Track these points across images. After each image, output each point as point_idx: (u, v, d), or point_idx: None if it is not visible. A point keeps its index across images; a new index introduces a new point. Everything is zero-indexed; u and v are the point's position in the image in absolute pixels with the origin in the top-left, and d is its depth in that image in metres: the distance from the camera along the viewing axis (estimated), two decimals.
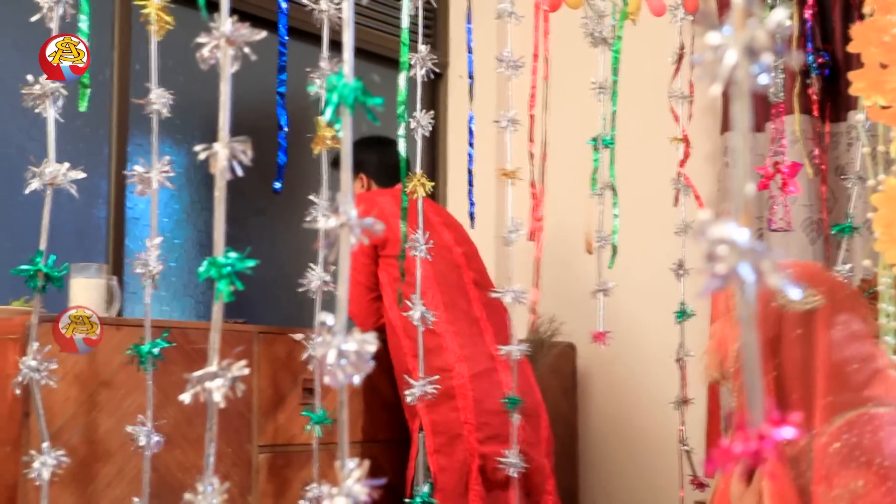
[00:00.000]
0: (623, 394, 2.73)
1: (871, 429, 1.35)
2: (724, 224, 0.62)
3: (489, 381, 2.55)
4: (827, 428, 1.37)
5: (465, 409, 2.49)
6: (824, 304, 1.45)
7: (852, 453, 1.34)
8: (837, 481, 1.32)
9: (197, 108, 2.95)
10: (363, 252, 2.64)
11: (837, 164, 2.84)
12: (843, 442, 1.35)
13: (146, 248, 1.78)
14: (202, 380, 0.94)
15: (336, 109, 0.84)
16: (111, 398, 2.12)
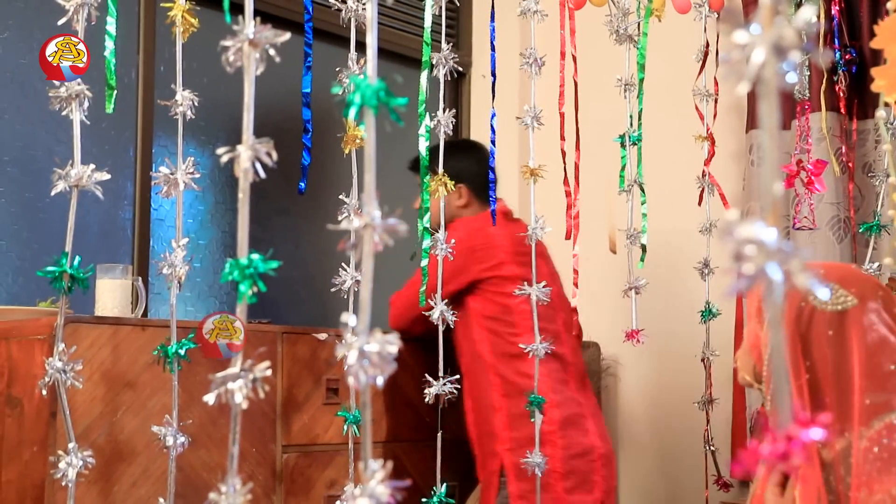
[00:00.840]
0: (648, 393, 2.72)
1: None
2: (751, 224, 0.61)
3: (577, 427, 2.54)
4: (865, 432, 1.34)
5: (553, 458, 2.44)
6: (856, 304, 1.42)
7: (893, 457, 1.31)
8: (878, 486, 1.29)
9: (221, 109, 2.96)
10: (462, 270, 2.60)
11: (865, 161, 2.81)
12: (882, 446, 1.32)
13: (171, 249, 1.79)
14: (225, 380, 0.94)
15: (360, 110, 0.84)
16: (136, 398, 2.13)
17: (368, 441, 0.82)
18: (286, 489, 2.40)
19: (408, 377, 2.64)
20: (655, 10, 2.48)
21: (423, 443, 2.61)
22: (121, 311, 2.27)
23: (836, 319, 1.40)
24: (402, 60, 3.47)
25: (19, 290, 2.58)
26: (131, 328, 2.16)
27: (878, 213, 2.35)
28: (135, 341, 2.14)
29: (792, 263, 0.60)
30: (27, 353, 2.05)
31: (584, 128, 2.52)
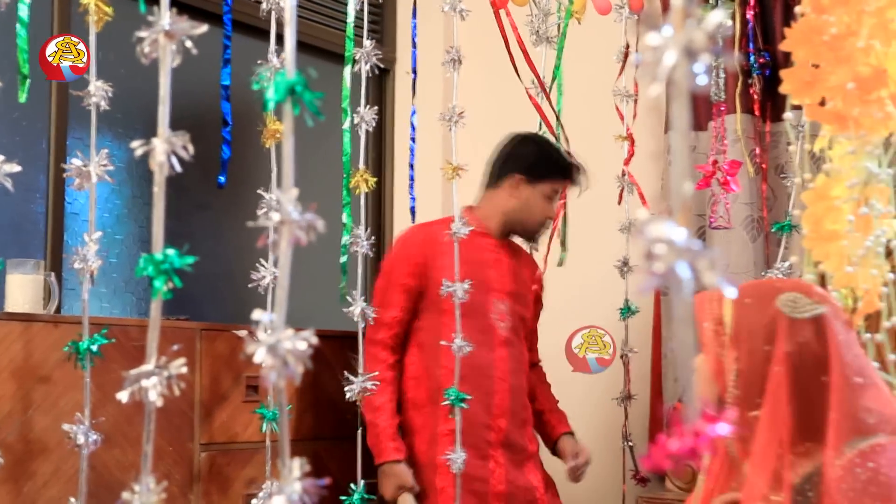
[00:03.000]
0: (566, 389, 2.75)
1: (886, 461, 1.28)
2: (661, 223, 0.62)
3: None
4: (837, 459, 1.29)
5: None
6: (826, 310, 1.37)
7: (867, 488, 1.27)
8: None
9: (139, 102, 2.90)
10: None
11: (777, 162, 2.89)
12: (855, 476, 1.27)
13: (84, 243, 1.75)
14: (139, 378, 0.92)
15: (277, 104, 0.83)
16: (48, 396, 2.08)
17: (286, 438, 0.81)
18: (204, 488, 2.36)
19: (329, 375, 2.63)
20: (576, 11, 2.51)
21: (345, 440, 2.60)
22: (32, 307, 2.21)
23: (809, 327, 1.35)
24: (325, 55, 3.45)
25: None
26: (43, 324, 2.10)
27: (789, 214, 2.42)
28: (47, 337, 2.09)
29: (700, 262, 0.62)
30: None
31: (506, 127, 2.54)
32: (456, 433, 2.21)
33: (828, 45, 1.18)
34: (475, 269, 2.44)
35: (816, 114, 1.23)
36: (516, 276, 2.58)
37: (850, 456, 1.29)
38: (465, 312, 2.27)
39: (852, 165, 1.28)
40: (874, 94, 1.17)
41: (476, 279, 2.35)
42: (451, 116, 2.25)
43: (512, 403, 2.49)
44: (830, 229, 1.27)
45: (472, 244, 2.43)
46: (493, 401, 2.46)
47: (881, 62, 1.17)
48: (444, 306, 2.40)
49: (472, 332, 2.30)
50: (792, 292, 1.39)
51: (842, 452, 1.29)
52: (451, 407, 2.23)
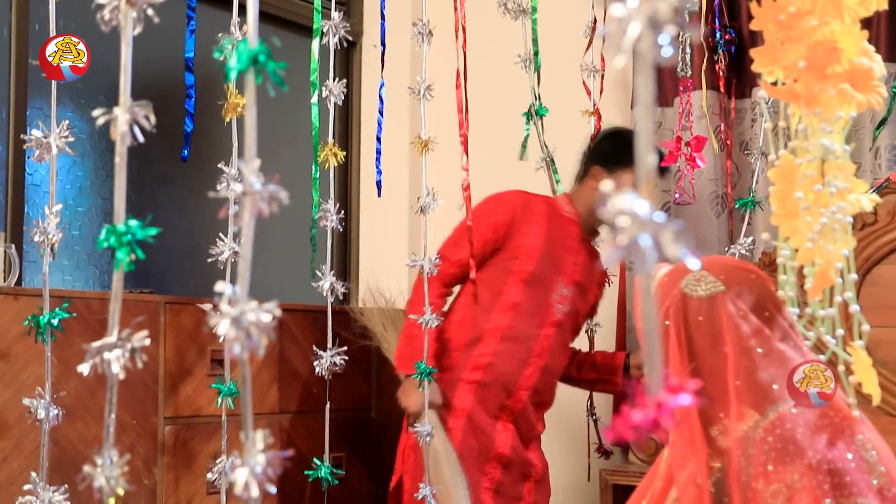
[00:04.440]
0: None
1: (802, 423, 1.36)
2: (624, 196, 0.62)
3: None
4: (761, 422, 1.37)
5: None
6: (723, 290, 1.44)
7: (786, 447, 1.34)
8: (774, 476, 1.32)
9: (101, 72, 2.85)
10: None
11: (742, 139, 2.91)
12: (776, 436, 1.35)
13: (45, 215, 1.72)
14: (101, 350, 0.91)
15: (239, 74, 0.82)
16: (8, 370, 2.06)
17: (249, 410, 0.81)
18: (168, 462, 2.35)
19: (295, 349, 2.62)
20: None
21: (311, 414, 2.60)
22: None
23: (705, 305, 1.43)
24: (293, 27, 3.42)
25: None
26: (3, 297, 2.07)
27: (752, 190, 2.44)
28: (7, 310, 2.06)
29: (663, 235, 0.62)
30: None
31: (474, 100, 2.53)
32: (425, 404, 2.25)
33: (785, 23, 1.19)
34: (555, 247, 2.54)
35: (774, 91, 1.24)
36: (587, 273, 2.62)
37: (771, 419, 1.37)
38: (530, 282, 2.46)
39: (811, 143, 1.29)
40: (829, 70, 1.18)
41: (552, 257, 2.51)
42: (419, 90, 2.23)
43: (539, 381, 2.53)
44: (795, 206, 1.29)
45: (560, 226, 2.57)
46: (523, 371, 2.51)
47: (834, 40, 1.18)
48: (513, 268, 2.50)
49: (529, 302, 2.49)
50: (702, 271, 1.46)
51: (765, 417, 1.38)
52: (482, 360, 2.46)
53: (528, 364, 2.50)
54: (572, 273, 2.57)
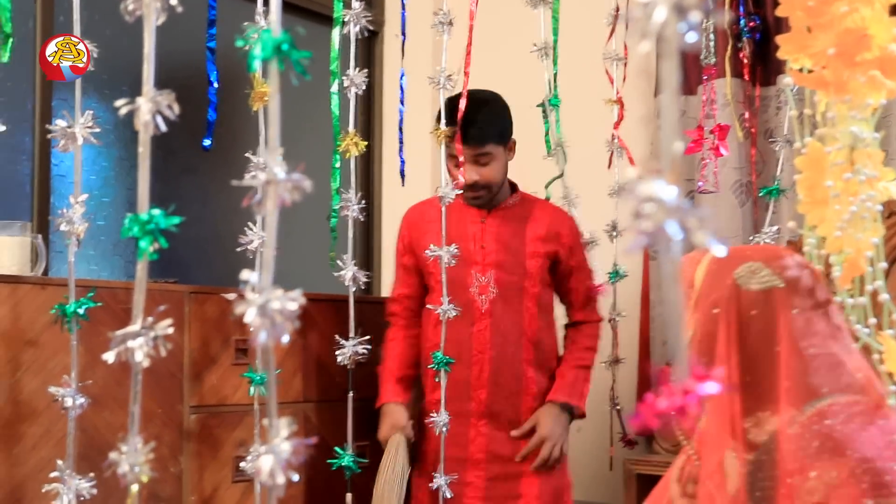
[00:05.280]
0: None
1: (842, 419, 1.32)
2: (651, 182, 0.62)
3: None
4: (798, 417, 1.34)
5: None
6: (780, 285, 1.40)
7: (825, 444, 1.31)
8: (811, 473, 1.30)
9: (125, 63, 2.87)
10: None
11: (767, 127, 2.89)
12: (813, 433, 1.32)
13: (70, 205, 1.74)
14: (125, 338, 0.92)
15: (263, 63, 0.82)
16: (37, 358, 2.08)
17: (273, 399, 0.81)
18: (194, 450, 2.37)
19: (319, 339, 2.63)
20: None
21: (334, 403, 2.61)
22: (19, 269, 2.20)
23: (760, 300, 1.39)
24: (314, 17, 3.42)
25: None
26: (31, 286, 2.09)
27: (777, 178, 2.42)
28: (34, 300, 2.08)
29: (690, 221, 0.61)
30: None
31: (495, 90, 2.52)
32: (441, 397, 2.25)
33: (813, 10, 1.18)
34: (458, 243, 2.42)
35: (802, 79, 1.23)
36: (507, 244, 2.51)
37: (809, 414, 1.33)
38: (450, 289, 2.33)
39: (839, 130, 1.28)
40: (858, 57, 1.17)
41: (466, 257, 2.45)
42: (439, 80, 2.23)
43: (494, 374, 2.46)
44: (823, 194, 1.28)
45: (459, 218, 2.50)
46: (472, 373, 2.46)
47: (864, 26, 1.17)
48: (430, 283, 2.52)
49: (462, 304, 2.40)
50: (756, 262, 1.41)
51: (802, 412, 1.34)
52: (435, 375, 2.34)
53: (473, 364, 2.46)
54: (482, 258, 2.51)
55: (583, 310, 2.58)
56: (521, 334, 2.50)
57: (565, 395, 2.48)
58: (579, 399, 2.50)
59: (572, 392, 2.49)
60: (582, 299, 2.58)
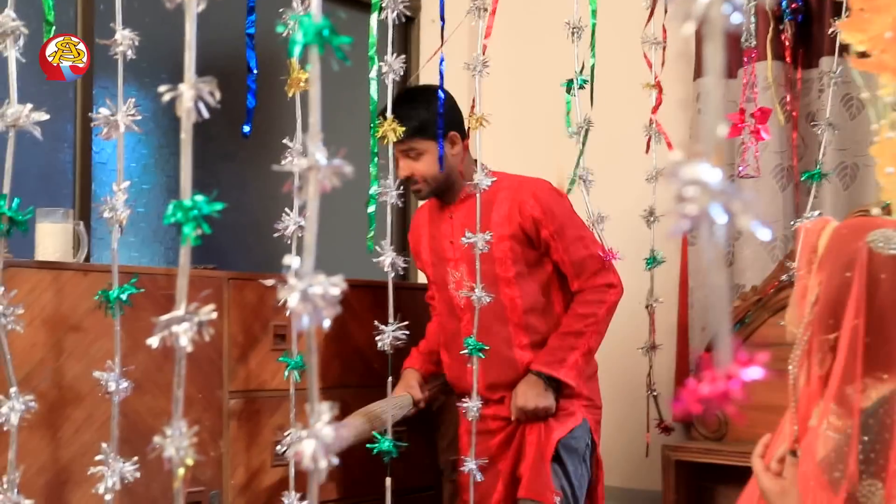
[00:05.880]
0: None
1: None
2: (695, 165, 0.61)
3: None
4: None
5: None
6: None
7: None
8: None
9: (164, 50, 2.89)
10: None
11: (808, 110, 2.85)
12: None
13: (112, 192, 1.76)
14: (169, 324, 0.93)
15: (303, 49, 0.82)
16: (79, 344, 2.11)
17: (315, 382, 0.82)
18: (233, 434, 2.40)
19: (356, 324, 2.64)
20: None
21: (372, 388, 2.62)
22: (62, 256, 2.23)
23: (890, 264, 1.37)
24: (350, 3, 3.42)
25: None
26: (73, 273, 2.12)
27: (820, 162, 2.39)
28: (77, 286, 2.11)
29: (734, 204, 0.61)
30: None
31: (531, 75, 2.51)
32: (473, 384, 2.25)
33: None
34: (435, 244, 2.59)
35: (862, 63, 1.20)
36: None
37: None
38: (437, 289, 2.58)
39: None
40: None
41: (436, 254, 2.58)
42: (475, 65, 2.22)
43: (485, 366, 2.42)
44: None
45: (437, 218, 2.61)
46: (467, 368, 2.47)
47: None
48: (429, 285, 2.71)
49: (442, 307, 2.60)
50: (890, 229, 1.40)
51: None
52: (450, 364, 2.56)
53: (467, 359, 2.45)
54: (453, 253, 2.54)
55: (577, 279, 2.49)
56: (507, 321, 2.49)
57: (541, 363, 2.43)
58: (557, 367, 2.41)
59: (550, 361, 2.42)
60: (572, 269, 2.49)
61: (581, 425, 2.47)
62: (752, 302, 2.84)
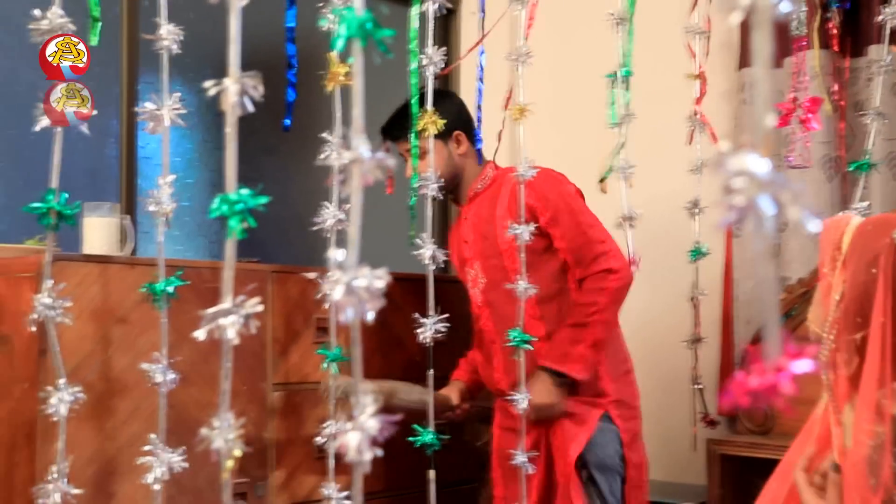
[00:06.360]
0: (635, 332, 2.73)
1: None
2: (743, 155, 0.60)
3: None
4: None
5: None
6: None
7: None
8: None
9: (207, 45, 2.91)
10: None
11: (856, 99, 2.80)
12: None
13: (158, 186, 1.78)
14: (216, 316, 0.94)
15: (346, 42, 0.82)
16: (126, 336, 2.14)
17: (359, 374, 0.82)
18: (277, 426, 2.42)
19: (398, 317, 2.65)
20: None
21: (413, 381, 2.63)
22: (109, 250, 2.26)
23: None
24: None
25: (6, 228, 2.57)
26: (120, 266, 2.15)
27: (868, 152, 2.34)
28: (124, 279, 2.14)
29: (783, 195, 0.60)
30: (15, 290, 2.05)
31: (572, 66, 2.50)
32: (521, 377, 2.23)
33: None
34: (457, 247, 2.63)
35: None
36: (484, 232, 2.52)
37: None
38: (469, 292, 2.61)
39: None
40: None
41: (459, 258, 2.62)
42: (518, 56, 2.21)
43: (506, 361, 2.45)
44: None
45: (458, 222, 2.65)
46: (492, 363, 2.54)
47: None
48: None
49: (471, 306, 2.61)
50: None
51: None
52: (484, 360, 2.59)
53: (493, 355, 2.52)
54: (470, 252, 2.55)
55: (578, 266, 2.43)
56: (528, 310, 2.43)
57: (547, 358, 2.40)
58: (561, 361, 2.37)
59: (556, 355, 2.39)
60: (571, 257, 2.43)
61: (600, 432, 2.42)
62: (798, 295, 2.80)
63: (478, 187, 2.56)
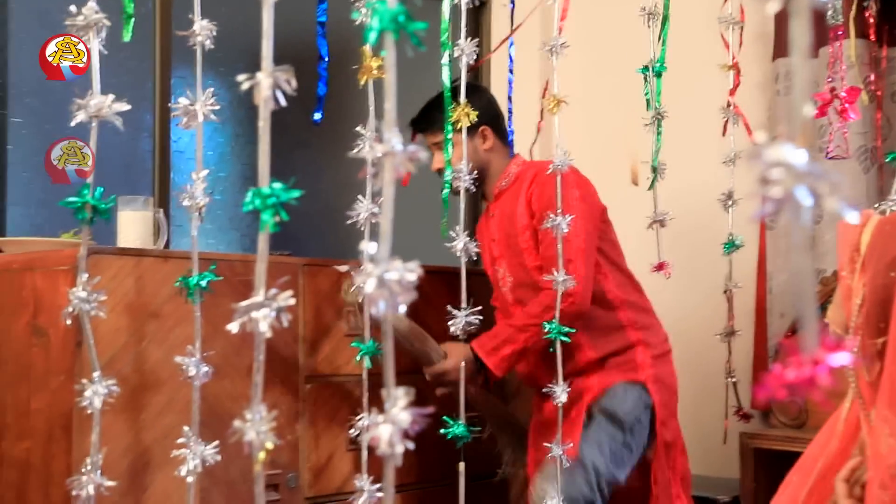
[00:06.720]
0: (669, 325, 2.71)
1: None
2: (780, 146, 0.60)
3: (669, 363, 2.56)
4: None
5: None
6: None
7: None
8: None
9: (240, 40, 2.93)
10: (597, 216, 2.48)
11: (893, 90, 2.76)
12: None
13: (192, 180, 1.79)
14: (249, 309, 0.94)
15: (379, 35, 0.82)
16: (160, 329, 2.16)
17: (391, 367, 0.82)
18: (309, 419, 2.43)
19: (429, 309, 2.65)
20: None
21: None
22: (143, 243, 2.28)
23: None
24: None
25: (42, 221, 2.60)
26: (154, 259, 2.17)
27: None
28: (157, 273, 2.16)
29: (821, 186, 0.59)
30: (51, 283, 2.07)
31: (604, 58, 2.48)
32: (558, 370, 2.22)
33: None
34: (486, 245, 2.59)
35: None
36: (507, 230, 2.51)
37: None
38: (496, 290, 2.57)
39: None
40: None
41: (489, 256, 2.58)
42: (552, 47, 2.20)
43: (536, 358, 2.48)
44: None
45: (486, 219, 2.62)
46: (529, 358, 2.53)
47: None
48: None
49: (501, 304, 2.58)
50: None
51: None
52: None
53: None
54: (498, 251, 2.54)
55: (541, 272, 2.39)
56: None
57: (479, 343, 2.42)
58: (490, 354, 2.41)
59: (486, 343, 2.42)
60: (546, 263, 2.37)
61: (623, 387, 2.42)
62: (833, 287, 2.77)
63: (502, 184, 2.55)
